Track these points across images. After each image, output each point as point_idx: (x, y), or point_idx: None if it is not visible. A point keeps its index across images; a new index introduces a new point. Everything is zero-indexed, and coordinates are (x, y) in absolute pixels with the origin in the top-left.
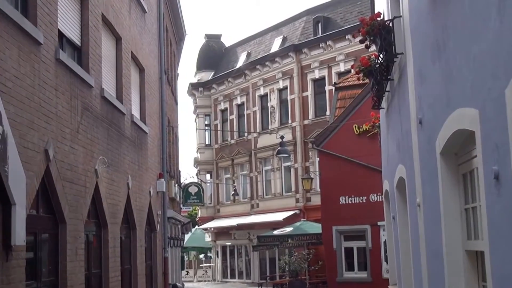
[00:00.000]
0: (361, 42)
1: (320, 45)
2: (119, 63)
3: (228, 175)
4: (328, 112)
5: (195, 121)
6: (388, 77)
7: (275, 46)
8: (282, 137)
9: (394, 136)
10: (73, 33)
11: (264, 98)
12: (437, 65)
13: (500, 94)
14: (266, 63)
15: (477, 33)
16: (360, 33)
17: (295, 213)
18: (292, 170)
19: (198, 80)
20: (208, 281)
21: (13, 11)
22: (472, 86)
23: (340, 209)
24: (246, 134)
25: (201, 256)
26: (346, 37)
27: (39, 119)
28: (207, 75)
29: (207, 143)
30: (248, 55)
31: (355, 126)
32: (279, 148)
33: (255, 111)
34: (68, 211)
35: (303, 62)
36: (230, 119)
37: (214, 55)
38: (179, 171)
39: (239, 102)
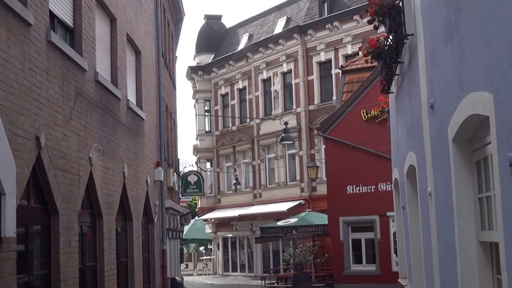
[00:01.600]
0: (369, 22)
1: (326, 26)
2: (113, 45)
3: (229, 164)
4: (334, 97)
5: (195, 106)
6: (398, 59)
7: (279, 27)
8: (286, 123)
9: (404, 122)
10: (65, 14)
11: (267, 82)
12: (449, 47)
13: None
14: (269, 45)
15: (492, 13)
16: (368, 14)
17: (300, 203)
18: (297, 158)
19: (197, 63)
20: (209, 274)
21: None
22: (487, 68)
23: (347, 199)
24: (248, 120)
25: (201, 248)
26: (354, 18)
27: (29, 104)
28: (207, 58)
29: (207, 129)
30: (250, 37)
31: (363, 112)
32: (283, 134)
33: (258, 96)
34: (60, 201)
35: (308, 44)
36: (231, 104)
37: (214, 37)
38: (178, 159)
39: (241, 87)
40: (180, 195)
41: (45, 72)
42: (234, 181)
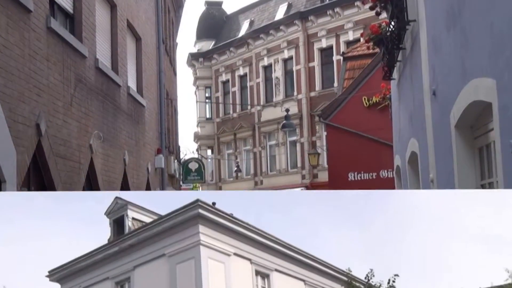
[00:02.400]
0: (371, 8)
1: (328, 12)
2: (114, 31)
3: (230, 151)
4: (336, 84)
5: (195, 93)
6: (400, 46)
7: (280, 13)
8: (287, 110)
9: (406, 109)
10: (65, 0)
11: (268, 68)
12: (452, 33)
13: None
14: (270, 32)
15: None
16: None
17: (301, 190)
18: (298, 145)
19: (198, 50)
20: None
21: None
22: (489, 55)
23: (349, 186)
24: (249, 107)
25: None
26: (355, 4)
27: (29, 91)
28: (208, 45)
29: (208, 116)
30: (251, 23)
31: (365, 98)
32: (284, 121)
33: (259, 82)
34: (61, 188)
35: (309, 30)
36: (232, 91)
37: (215, 23)
38: (179, 147)
39: (242, 73)
40: (181, 182)
41: (45, 58)
42: (235, 168)
